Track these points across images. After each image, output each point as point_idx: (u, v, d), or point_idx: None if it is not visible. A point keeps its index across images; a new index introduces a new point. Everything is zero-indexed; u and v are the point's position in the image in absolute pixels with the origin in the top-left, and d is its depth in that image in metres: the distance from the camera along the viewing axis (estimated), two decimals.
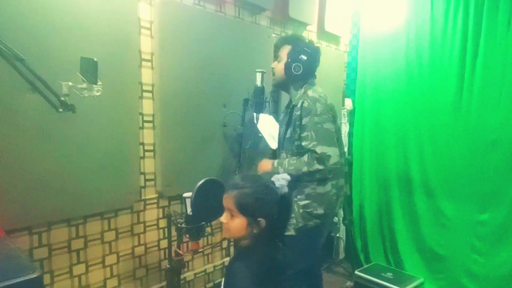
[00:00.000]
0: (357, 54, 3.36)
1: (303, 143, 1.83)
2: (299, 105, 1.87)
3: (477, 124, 2.71)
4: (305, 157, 1.81)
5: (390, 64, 3.13)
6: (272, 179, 1.29)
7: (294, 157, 1.88)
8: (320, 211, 1.86)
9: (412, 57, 3.00)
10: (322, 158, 1.78)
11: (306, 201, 1.85)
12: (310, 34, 3.16)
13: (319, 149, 1.78)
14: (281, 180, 1.27)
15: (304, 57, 1.94)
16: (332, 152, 1.79)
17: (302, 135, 1.84)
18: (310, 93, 1.91)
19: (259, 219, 1.23)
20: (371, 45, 3.24)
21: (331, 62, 3.31)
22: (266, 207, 1.25)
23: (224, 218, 1.27)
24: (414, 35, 2.99)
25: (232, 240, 2.51)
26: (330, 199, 1.90)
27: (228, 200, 1.26)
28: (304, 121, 1.83)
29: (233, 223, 1.25)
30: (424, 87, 2.95)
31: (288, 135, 1.96)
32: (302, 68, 1.94)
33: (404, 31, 3.04)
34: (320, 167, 1.78)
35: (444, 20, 2.82)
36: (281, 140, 2.04)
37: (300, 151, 1.87)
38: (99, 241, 1.97)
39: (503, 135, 2.59)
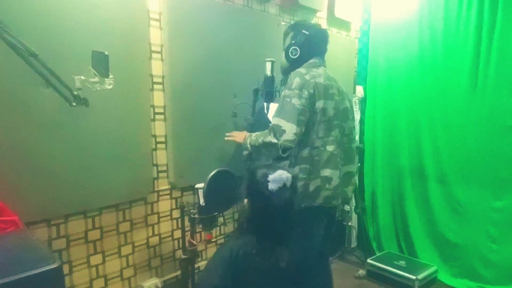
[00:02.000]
0: (368, 40, 3.31)
1: None
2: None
3: (492, 109, 2.65)
4: (266, 130, 1.78)
5: (402, 50, 3.08)
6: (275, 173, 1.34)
7: (262, 132, 1.83)
8: None
9: (426, 42, 2.94)
10: (275, 131, 1.70)
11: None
12: (320, 20, 3.11)
13: (275, 121, 1.73)
14: (276, 174, 1.33)
15: (301, 40, 1.90)
16: (288, 128, 1.69)
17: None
18: (300, 69, 1.86)
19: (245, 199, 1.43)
20: (382, 31, 3.18)
21: (342, 49, 3.26)
22: (250, 188, 1.40)
23: None
24: (427, 19, 2.92)
25: None
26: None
27: None
28: (282, 93, 1.83)
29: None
30: (438, 73, 2.89)
31: None
32: (300, 51, 1.89)
33: (417, 16, 2.98)
34: (273, 140, 1.70)
35: (459, 3, 2.74)
36: None
37: None
38: (115, 232, 2.01)
39: None
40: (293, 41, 1.93)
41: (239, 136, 2.01)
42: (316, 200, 1.81)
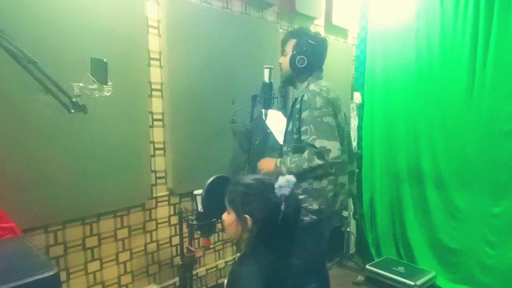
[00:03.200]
0: (365, 47, 3.33)
1: (302, 137, 1.81)
2: (299, 99, 1.86)
3: (489, 114, 2.67)
4: (306, 153, 1.79)
5: (399, 56, 3.10)
6: (278, 179, 1.21)
7: (296, 155, 1.85)
8: (315, 206, 1.83)
9: (423, 48, 2.97)
10: (321, 153, 1.74)
11: (303, 196, 1.83)
12: (317, 28, 3.14)
13: (318, 143, 1.75)
14: (282, 181, 1.19)
15: (309, 50, 1.92)
16: (332, 146, 1.75)
17: (301, 129, 1.82)
18: (311, 86, 1.89)
19: (245, 215, 1.19)
20: (380, 37, 3.21)
21: (339, 56, 3.29)
22: (252, 203, 1.19)
23: (224, 215, 1.29)
24: (424, 26, 2.95)
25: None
26: (325, 195, 1.85)
27: (225, 195, 1.28)
28: (304, 115, 1.82)
29: (226, 218, 1.27)
30: (435, 79, 2.91)
31: (289, 128, 1.96)
32: (307, 61, 1.91)
33: (413, 22, 3.00)
34: (320, 162, 1.74)
35: (455, 10, 2.77)
36: (286, 133, 2.03)
37: (299, 145, 1.86)
38: (113, 238, 2.01)
39: None
40: (300, 50, 1.93)
41: (267, 165, 1.97)
42: (336, 205, 1.94)
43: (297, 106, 1.86)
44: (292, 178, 1.21)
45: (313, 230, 1.87)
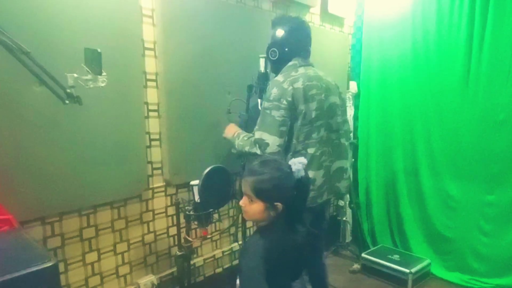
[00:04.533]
0: (361, 36, 3.31)
1: None
2: None
3: (484, 104, 2.68)
4: (252, 138, 1.83)
5: (395, 46, 3.09)
6: (290, 163, 1.32)
7: (248, 134, 1.90)
8: None
9: (419, 37, 2.96)
10: (259, 144, 1.78)
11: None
12: (313, 16, 3.12)
13: (257, 134, 1.80)
14: (297, 164, 1.29)
15: (278, 41, 1.88)
16: (271, 140, 1.76)
17: None
18: (278, 77, 1.87)
19: (276, 203, 1.28)
20: (376, 26, 3.19)
21: (335, 45, 3.27)
22: (283, 192, 1.29)
23: (242, 202, 1.33)
24: (420, 15, 2.93)
25: (240, 226, 2.55)
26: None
27: (246, 185, 1.32)
28: (262, 104, 1.86)
29: (252, 208, 1.31)
30: (431, 69, 2.91)
31: None
32: (278, 52, 1.89)
33: (410, 11, 2.99)
34: (258, 151, 1.78)
35: (451, 1, 2.76)
36: None
37: None
38: (110, 229, 2.01)
39: None
40: (272, 42, 1.91)
41: (229, 130, 2.04)
42: (321, 195, 1.89)
43: None
44: (304, 160, 1.31)
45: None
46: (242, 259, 1.31)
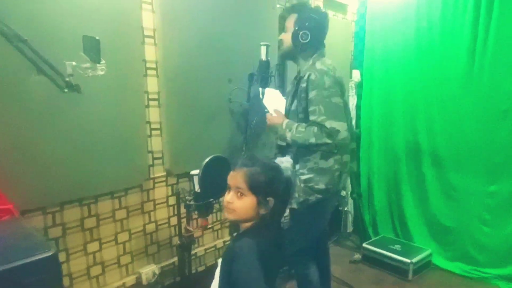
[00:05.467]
0: (365, 23, 3.26)
1: (310, 118, 1.78)
2: (305, 77, 1.81)
3: (488, 94, 2.64)
4: (315, 128, 1.76)
5: (399, 33, 3.04)
6: (277, 161, 1.29)
7: (303, 124, 1.82)
8: (322, 186, 1.82)
9: (423, 25, 2.90)
10: (331, 133, 1.74)
11: (308, 175, 1.82)
12: (316, 2, 3.06)
13: (328, 124, 1.73)
14: (285, 162, 1.27)
15: (312, 24, 1.87)
16: (340, 127, 1.75)
17: (309, 109, 1.79)
18: (318, 65, 1.85)
19: (268, 198, 1.21)
20: (379, 13, 3.14)
21: (338, 32, 3.21)
22: (277, 186, 1.23)
23: (230, 198, 1.22)
24: (425, 2, 2.88)
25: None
26: (332, 175, 1.84)
27: (237, 178, 1.21)
28: (311, 94, 1.78)
29: (242, 203, 1.20)
30: (435, 57, 2.86)
31: (293, 108, 1.93)
32: (310, 35, 1.86)
33: None
34: (329, 141, 1.74)
35: None
36: (287, 112, 2.00)
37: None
38: (111, 219, 2.01)
39: None
40: (303, 25, 1.88)
41: (275, 119, 1.97)
42: (340, 184, 1.94)
43: (303, 85, 1.82)
44: (291, 160, 1.33)
45: (316, 209, 1.89)
46: (236, 265, 1.17)
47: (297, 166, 1.83)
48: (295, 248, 1.87)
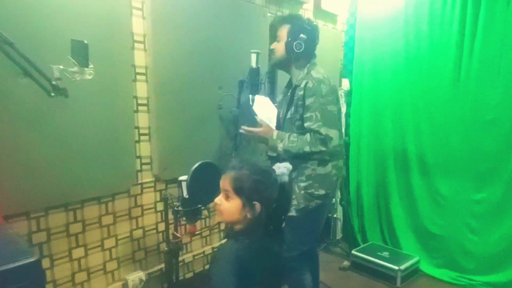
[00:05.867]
0: (354, 33, 3.30)
1: (306, 124, 1.81)
2: (302, 85, 1.84)
3: (474, 103, 2.69)
4: (308, 137, 1.79)
5: (388, 44, 3.09)
6: (274, 167, 1.26)
7: (294, 134, 1.85)
8: (322, 191, 1.85)
9: (411, 36, 2.96)
10: (325, 140, 1.77)
11: (307, 182, 1.84)
12: (306, 12, 3.10)
13: (323, 131, 1.77)
14: (282, 168, 1.25)
15: (305, 35, 1.92)
16: (334, 134, 1.79)
17: (305, 115, 1.82)
18: (314, 73, 1.88)
19: (254, 202, 1.20)
20: (369, 24, 3.19)
21: (328, 42, 3.25)
22: (263, 191, 1.21)
23: (218, 200, 1.23)
24: (413, 13, 2.93)
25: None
26: (330, 180, 1.88)
27: (225, 180, 1.22)
28: (308, 101, 1.81)
29: (228, 205, 1.21)
30: (423, 67, 2.91)
31: (289, 115, 1.94)
32: (304, 46, 1.91)
33: (403, 9, 2.99)
34: (323, 148, 1.78)
35: None
36: (281, 121, 2.02)
37: (301, 132, 1.85)
38: (97, 225, 1.99)
39: (501, 114, 2.58)
40: (297, 35, 1.92)
41: (266, 132, 1.94)
42: (336, 188, 2.00)
43: (300, 93, 1.85)
44: (289, 166, 1.27)
45: (314, 215, 1.92)
46: (213, 267, 1.20)
47: (294, 174, 1.83)
48: (292, 254, 1.88)
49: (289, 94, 1.95)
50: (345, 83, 3.32)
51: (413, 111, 3.01)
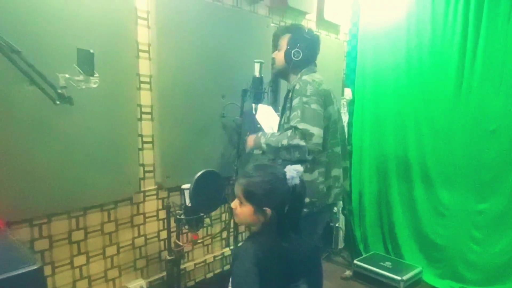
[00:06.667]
0: (357, 43, 3.33)
1: (290, 123, 1.80)
2: (292, 89, 1.88)
3: (476, 113, 2.70)
4: (289, 131, 1.77)
5: (390, 54, 3.11)
6: (285, 170, 1.30)
7: (279, 131, 1.88)
8: (306, 199, 1.76)
9: (413, 47, 2.98)
10: (303, 134, 1.72)
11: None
12: (309, 23, 3.13)
13: (301, 125, 1.73)
14: (292, 171, 1.28)
15: (304, 44, 1.95)
16: (316, 131, 1.73)
17: (290, 116, 1.82)
18: (304, 77, 1.91)
19: (264, 208, 1.27)
20: (371, 34, 3.21)
21: (331, 52, 3.28)
22: (273, 197, 1.28)
23: (233, 204, 1.35)
24: (414, 24, 2.96)
25: (232, 230, 2.53)
26: (316, 188, 1.83)
27: (237, 187, 1.33)
28: (294, 102, 1.82)
29: (240, 210, 1.32)
30: (425, 77, 2.93)
31: (282, 121, 1.98)
32: (302, 54, 1.94)
33: (404, 20, 3.01)
34: (301, 143, 1.71)
35: (445, 10, 2.78)
36: (279, 127, 2.05)
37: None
38: (99, 232, 1.99)
39: (503, 124, 2.58)
40: (295, 44, 1.95)
41: (250, 140, 2.03)
42: (329, 199, 1.92)
43: (289, 96, 1.88)
44: (299, 168, 1.30)
45: (307, 223, 1.81)
46: (233, 265, 1.30)
47: None
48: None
49: (283, 100, 1.99)
50: (348, 93, 3.34)
51: (415, 120, 3.01)
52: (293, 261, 1.34)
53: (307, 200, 1.78)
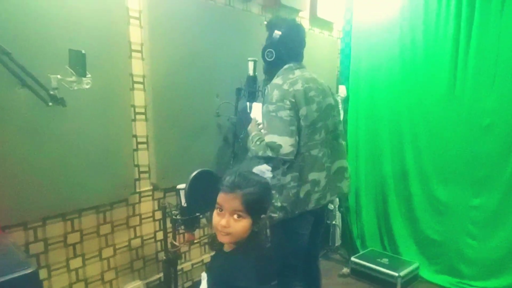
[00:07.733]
0: (350, 40, 3.33)
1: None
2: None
3: (470, 109, 2.71)
4: (263, 142, 1.76)
5: (383, 51, 3.11)
6: (255, 171, 1.28)
7: (262, 137, 1.80)
8: (278, 203, 1.75)
9: (406, 42, 2.98)
10: (271, 148, 1.71)
11: (273, 191, 1.72)
12: (302, 20, 3.13)
13: (268, 138, 1.72)
14: (266, 172, 1.27)
15: (275, 41, 1.84)
16: (283, 141, 1.69)
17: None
18: (276, 79, 1.83)
19: (262, 216, 1.21)
20: (364, 31, 3.22)
21: (324, 49, 3.28)
22: (267, 202, 1.26)
23: (226, 223, 1.15)
24: (408, 21, 2.96)
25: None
26: (287, 193, 1.75)
27: (234, 201, 1.16)
28: (263, 109, 1.81)
29: (239, 225, 1.16)
30: (418, 73, 2.94)
31: None
32: (275, 53, 1.84)
33: (398, 17, 3.02)
34: (272, 154, 1.71)
35: (438, 6, 2.79)
36: None
37: None
38: (95, 234, 1.97)
39: (497, 120, 2.60)
40: (268, 43, 1.88)
41: (251, 127, 1.97)
42: (309, 205, 1.80)
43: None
44: (268, 167, 1.32)
45: (284, 228, 1.80)
46: (239, 282, 1.15)
47: None
48: (278, 266, 1.83)
49: None
50: (342, 90, 3.34)
51: (410, 117, 3.02)
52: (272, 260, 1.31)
53: (278, 204, 1.76)
